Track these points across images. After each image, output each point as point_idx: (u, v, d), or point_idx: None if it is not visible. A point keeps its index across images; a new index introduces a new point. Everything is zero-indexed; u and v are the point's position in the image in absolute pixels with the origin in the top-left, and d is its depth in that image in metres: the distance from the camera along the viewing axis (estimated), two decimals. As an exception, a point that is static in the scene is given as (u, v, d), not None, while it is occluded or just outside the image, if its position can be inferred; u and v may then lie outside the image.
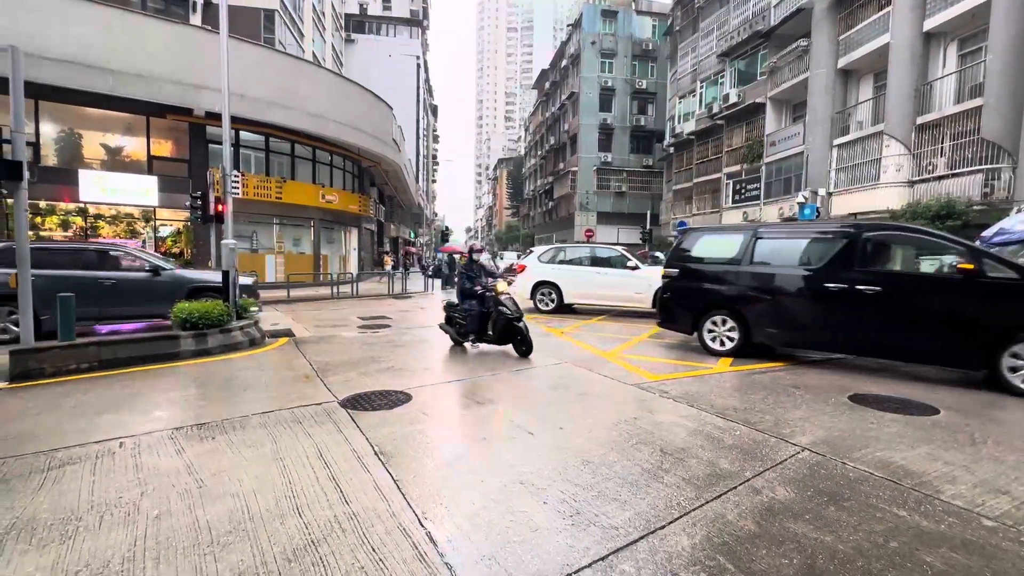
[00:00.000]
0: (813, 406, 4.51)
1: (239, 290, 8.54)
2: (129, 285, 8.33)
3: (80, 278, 7.76)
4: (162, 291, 8.37)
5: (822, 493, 2.82)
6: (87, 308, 7.48)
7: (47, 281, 7.10)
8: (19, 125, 5.51)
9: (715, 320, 6.79)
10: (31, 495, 2.72)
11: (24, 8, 12.67)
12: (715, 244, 7.33)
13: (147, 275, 8.45)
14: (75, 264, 8.04)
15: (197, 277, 9.05)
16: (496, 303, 6.64)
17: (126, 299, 8.30)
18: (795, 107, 21.18)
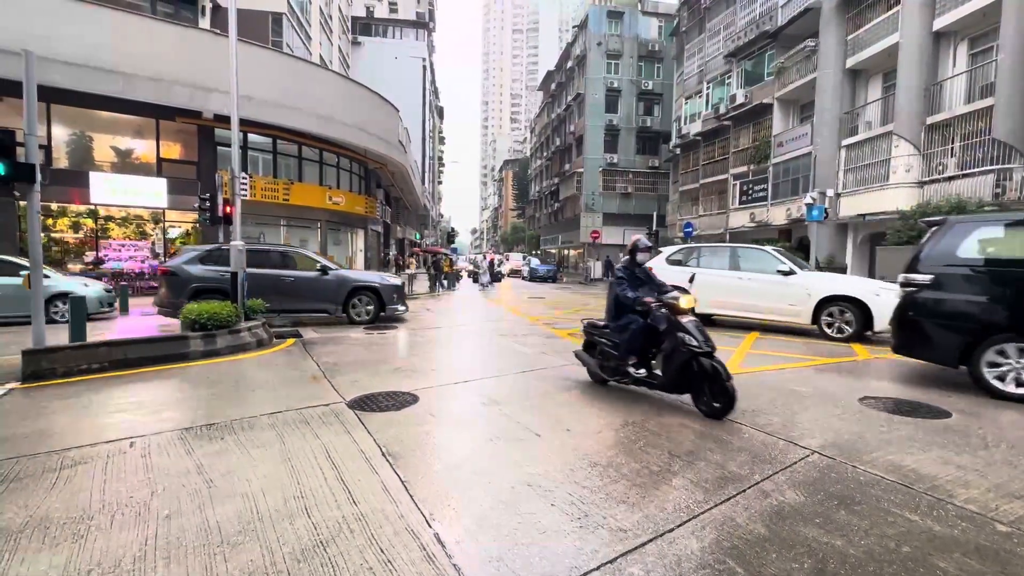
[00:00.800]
0: (822, 409, 4.47)
1: (394, 291, 10.12)
2: (304, 283, 9.34)
3: (269, 276, 9.14)
4: (329, 289, 9.39)
5: (832, 497, 2.80)
6: (271, 302, 8.75)
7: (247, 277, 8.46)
8: (32, 128, 5.58)
9: (1005, 350, 4.85)
10: (44, 494, 2.75)
11: (37, 12, 12.85)
12: (1003, 241, 5.35)
13: (318, 274, 9.37)
14: (266, 263, 9.32)
15: (357, 277, 9.92)
16: (673, 327, 4.33)
17: (301, 295, 9.30)
18: (803, 107, 21.06)
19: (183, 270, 9.07)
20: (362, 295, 9.57)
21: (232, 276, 8.08)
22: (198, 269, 9.11)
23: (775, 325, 9.58)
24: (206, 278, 8.96)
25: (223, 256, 8.82)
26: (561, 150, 47.10)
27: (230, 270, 8.10)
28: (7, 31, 12.05)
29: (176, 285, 8.95)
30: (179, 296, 8.77)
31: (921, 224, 6.78)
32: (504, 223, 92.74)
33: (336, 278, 9.53)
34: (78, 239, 15.23)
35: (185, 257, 9.35)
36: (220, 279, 8.68)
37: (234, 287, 8.00)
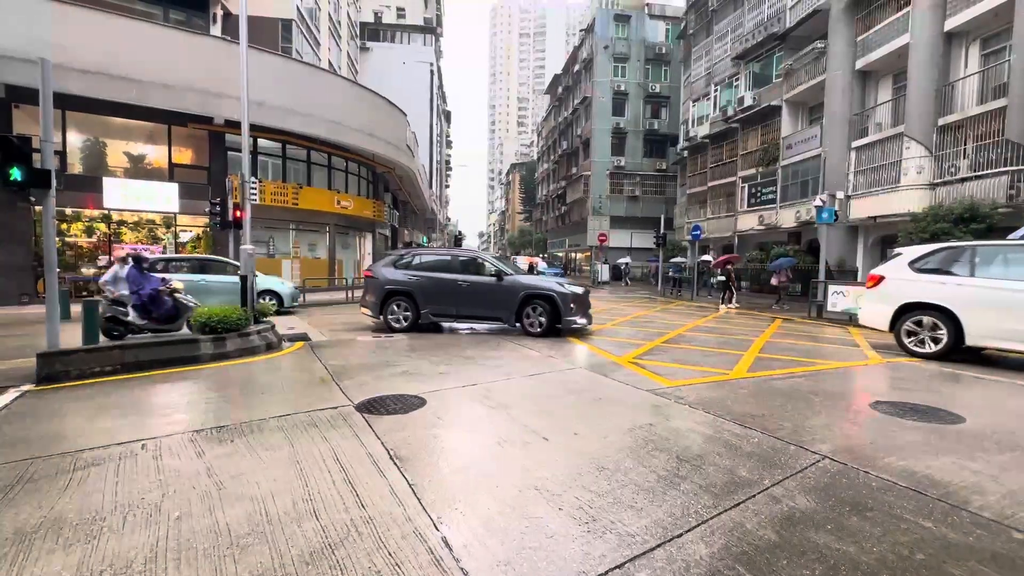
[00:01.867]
0: (834, 413, 4.42)
1: (573, 300, 8.94)
2: (479, 289, 9.11)
3: (447, 281, 9.19)
4: (502, 296, 8.97)
5: (844, 503, 2.76)
6: (448, 307, 9.16)
7: (425, 281, 9.23)
8: (47, 135, 5.68)
9: None
10: (58, 495, 2.78)
11: (53, 21, 13.10)
12: None
13: (493, 280, 9.05)
14: (447, 268, 9.39)
15: (531, 283, 9.17)
16: None
17: (475, 301, 9.11)
18: (812, 109, 20.93)
19: (380, 273, 9.53)
20: (536, 303, 8.82)
21: (241, 279, 8.16)
22: (390, 273, 9.45)
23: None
24: (395, 281, 9.31)
25: (410, 262, 9.58)
26: (568, 153, 47.12)
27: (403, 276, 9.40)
28: (24, 40, 12.30)
29: (373, 287, 9.49)
30: (375, 297, 9.42)
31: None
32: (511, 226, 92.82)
33: (510, 283, 8.98)
34: (91, 243, 15.45)
35: (384, 261, 9.95)
36: (406, 283, 9.26)
37: (243, 290, 8.08)
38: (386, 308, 9.24)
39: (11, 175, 5.42)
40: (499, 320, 9.04)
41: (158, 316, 7.84)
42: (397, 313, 9.24)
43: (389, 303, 9.25)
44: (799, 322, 12.16)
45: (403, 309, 9.23)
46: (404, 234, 39.30)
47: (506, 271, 9.11)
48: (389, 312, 9.23)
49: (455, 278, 9.14)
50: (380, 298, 9.29)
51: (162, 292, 7.87)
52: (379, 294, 9.33)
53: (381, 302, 9.28)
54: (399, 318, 9.23)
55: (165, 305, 7.86)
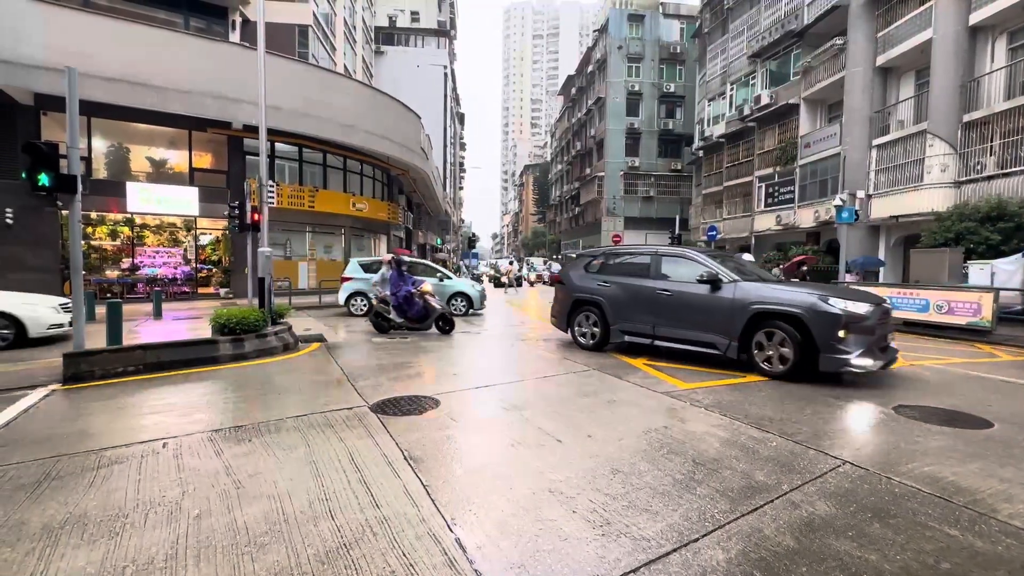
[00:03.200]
0: (854, 417, 4.32)
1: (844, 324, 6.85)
2: (686, 300, 6.52)
3: (643, 289, 7.01)
4: (718, 311, 6.16)
5: (866, 509, 2.70)
6: (642, 323, 6.98)
7: (617, 289, 7.35)
8: (74, 141, 5.85)
9: None
10: (83, 492, 2.86)
11: (79, 31, 13.50)
12: None
13: (705, 288, 6.34)
14: (641, 272, 7.24)
15: (766, 295, 5.93)
16: None
17: (679, 317, 6.58)
18: (831, 107, 20.54)
19: (569, 279, 8.08)
20: (774, 326, 5.76)
21: (260, 281, 8.29)
22: (580, 278, 7.89)
23: None
24: (584, 289, 7.72)
25: (603, 264, 7.74)
26: (582, 154, 46.97)
27: None
28: (52, 50, 12.69)
29: (561, 295, 8.14)
30: (562, 307, 8.07)
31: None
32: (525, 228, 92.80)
33: (730, 296, 6.08)
34: (115, 247, 15.86)
35: (575, 263, 8.45)
36: (595, 291, 7.48)
37: (261, 292, 8.21)
38: (573, 321, 7.84)
39: (40, 180, 5.60)
40: (712, 347, 6.25)
41: (411, 316, 8.76)
42: (584, 327, 7.65)
43: (576, 315, 7.79)
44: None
45: (591, 323, 7.57)
46: (419, 236, 39.55)
47: (722, 276, 6.25)
48: (576, 325, 7.77)
49: (653, 286, 6.86)
50: (567, 309, 7.92)
51: (414, 294, 8.80)
52: (566, 304, 7.96)
53: (568, 313, 7.89)
54: (585, 333, 7.64)
55: (416, 306, 8.75)
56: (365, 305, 12.49)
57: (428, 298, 8.84)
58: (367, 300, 12.39)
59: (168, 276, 16.52)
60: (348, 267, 13.60)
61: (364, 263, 13.40)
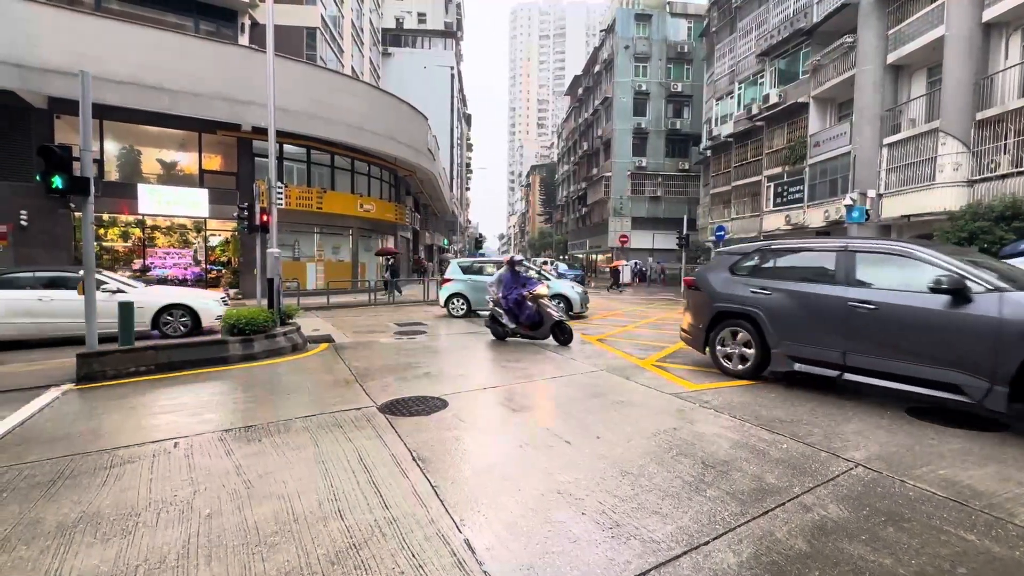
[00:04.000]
0: (867, 419, 4.27)
1: None
2: (906, 318, 4.43)
3: (828, 300, 4.99)
4: (967, 337, 4.06)
5: (879, 512, 2.66)
6: (828, 346, 4.95)
7: (784, 298, 5.28)
8: (87, 144, 5.93)
9: None
10: (96, 490, 2.89)
11: (91, 35, 13.68)
12: None
13: (940, 301, 4.23)
14: (823, 275, 5.22)
15: None
16: None
17: (894, 341, 4.50)
18: (841, 106, 20.33)
19: (707, 282, 6.24)
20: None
21: (268, 282, 8.35)
22: (723, 282, 6.02)
23: None
24: (731, 297, 5.84)
25: (758, 265, 5.86)
26: (589, 154, 46.87)
27: None
28: (65, 53, 12.87)
29: (696, 304, 6.34)
30: (697, 319, 6.21)
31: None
32: (531, 228, 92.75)
33: (998, 314, 3.94)
34: (127, 248, 16.05)
35: (715, 262, 6.51)
36: (748, 300, 5.62)
37: (270, 293, 8.27)
38: (714, 338, 5.99)
39: (54, 182, 5.68)
40: (954, 390, 4.13)
41: (523, 322, 8.03)
42: (729, 347, 5.83)
43: (718, 330, 5.95)
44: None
45: (740, 343, 5.73)
46: (425, 236, 39.67)
47: (982, 281, 4.18)
48: (718, 343, 5.94)
49: (844, 296, 4.90)
50: (705, 321, 6.07)
51: (525, 298, 7.97)
52: (704, 314, 6.11)
53: (707, 328, 6.06)
54: (731, 355, 5.81)
55: (528, 311, 7.96)
56: (464, 306, 12.51)
57: (542, 303, 7.86)
58: (466, 301, 12.49)
59: (178, 277, 16.68)
60: (449, 268, 13.38)
61: (464, 264, 13.28)
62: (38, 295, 8.09)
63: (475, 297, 12.34)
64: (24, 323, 7.96)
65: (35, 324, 8.03)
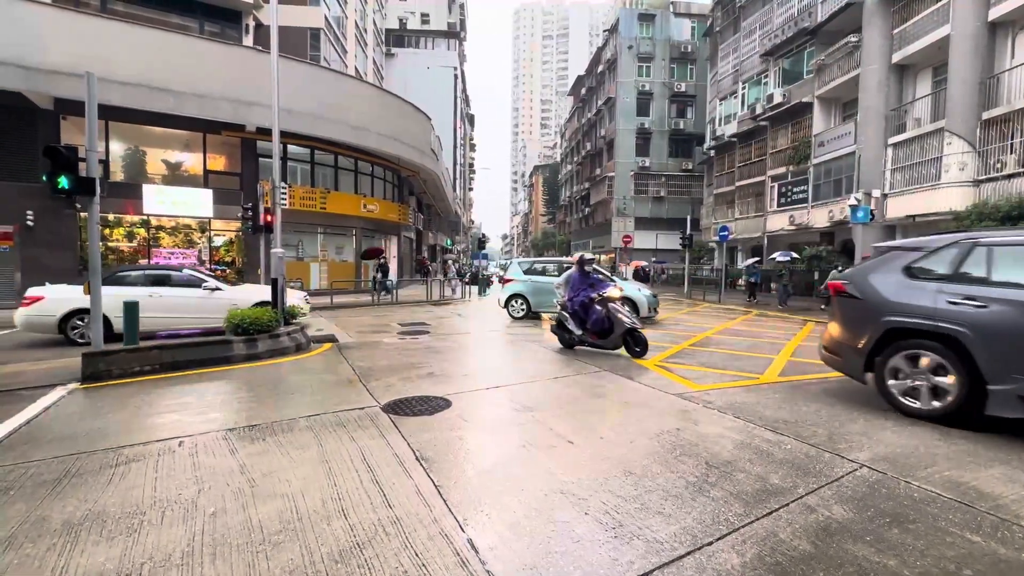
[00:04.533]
0: (872, 420, 4.25)
1: None
2: None
3: None
4: None
5: (884, 514, 2.65)
6: None
7: (1009, 313, 3.76)
8: (92, 144, 5.96)
9: None
10: (101, 489, 2.90)
11: (96, 36, 13.76)
12: None
13: None
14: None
15: None
16: None
17: None
18: (845, 105, 20.27)
19: (868, 289, 4.71)
20: None
21: (272, 282, 8.37)
22: (898, 288, 4.48)
23: None
24: (911, 310, 4.28)
25: (957, 267, 4.24)
26: (592, 154, 46.83)
27: None
28: (71, 55, 12.94)
29: (854, 316, 4.83)
30: (858, 337, 4.64)
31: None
32: (534, 228, 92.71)
33: None
34: (132, 248, 16.12)
35: (879, 260, 4.89)
36: (942, 315, 4.08)
37: (274, 293, 8.29)
38: (882, 363, 4.47)
39: (59, 183, 5.71)
40: None
41: (591, 328, 7.05)
42: (911, 377, 4.30)
43: (890, 353, 4.41)
44: (833, 325, 11.76)
45: (926, 370, 4.21)
46: (429, 236, 39.71)
47: None
48: (889, 373, 4.42)
49: None
50: (868, 341, 4.53)
51: (593, 301, 7.00)
52: (865, 331, 4.59)
53: (870, 350, 4.52)
54: (917, 389, 4.28)
55: (596, 315, 6.99)
56: (523, 308, 11.99)
57: (613, 307, 6.92)
58: (526, 303, 12.00)
59: (183, 277, 16.74)
60: (509, 268, 12.81)
61: (525, 265, 12.74)
62: (147, 291, 8.52)
63: (536, 300, 11.86)
64: None
65: (143, 318, 8.09)
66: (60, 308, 8.27)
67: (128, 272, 9.17)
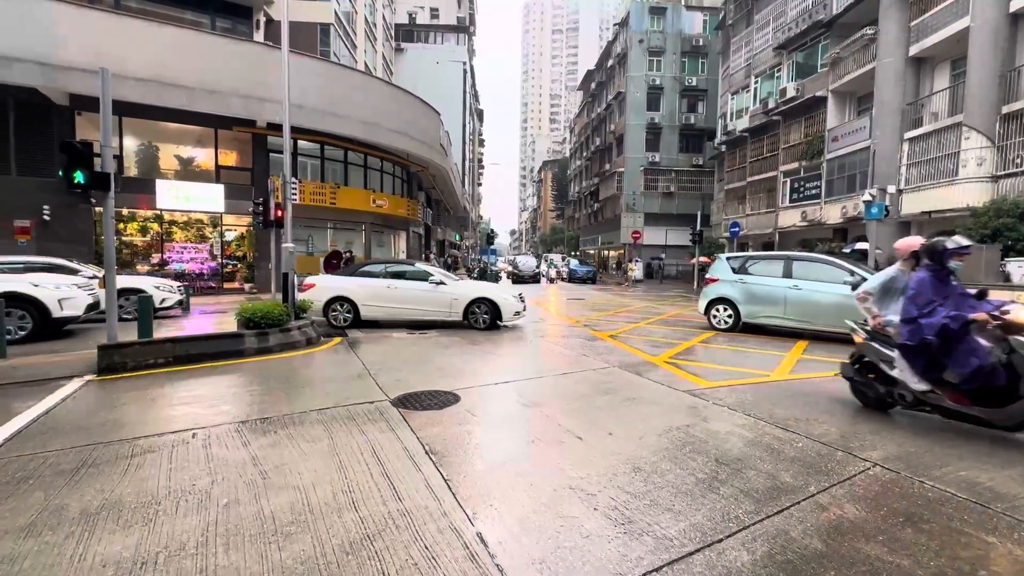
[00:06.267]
0: (885, 419, 4.20)
1: None
2: None
3: None
4: None
5: (897, 513, 2.62)
6: None
7: None
8: (107, 140, 6.03)
9: None
10: (118, 479, 2.96)
11: (110, 33, 13.90)
12: None
13: None
14: None
15: None
16: None
17: None
18: (860, 99, 19.91)
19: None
20: None
21: (283, 276, 8.44)
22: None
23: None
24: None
25: None
26: (601, 150, 46.54)
27: None
28: (86, 51, 13.09)
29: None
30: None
31: None
32: (543, 224, 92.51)
33: None
34: (146, 242, 16.33)
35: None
36: None
37: (284, 287, 8.36)
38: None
39: (75, 178, 5.80)
40: None
41: (963, 381, 3.68)
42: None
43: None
44: (845, 323, 11.62)
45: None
46: (437, 232, 39.78)
47: None
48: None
49: None
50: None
51: (970, 327, 3.62)
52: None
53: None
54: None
55: (977, 355, 3.58)
56: (730, 317, 9.34)
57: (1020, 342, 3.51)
58: (734, 311, 9.32)
59: (195, 271, 16.95)
60: (714, 266, 10.13)
61: (736, 263, 9.77)
62: (386, 283, 9.46)
63: (750, 309, 9.14)
64: (375, 306, 9.38)
65: (382, 308, 9.41)
66: (324, 295, 9.39)
67: (371, 267, 10.12)
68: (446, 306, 9.27)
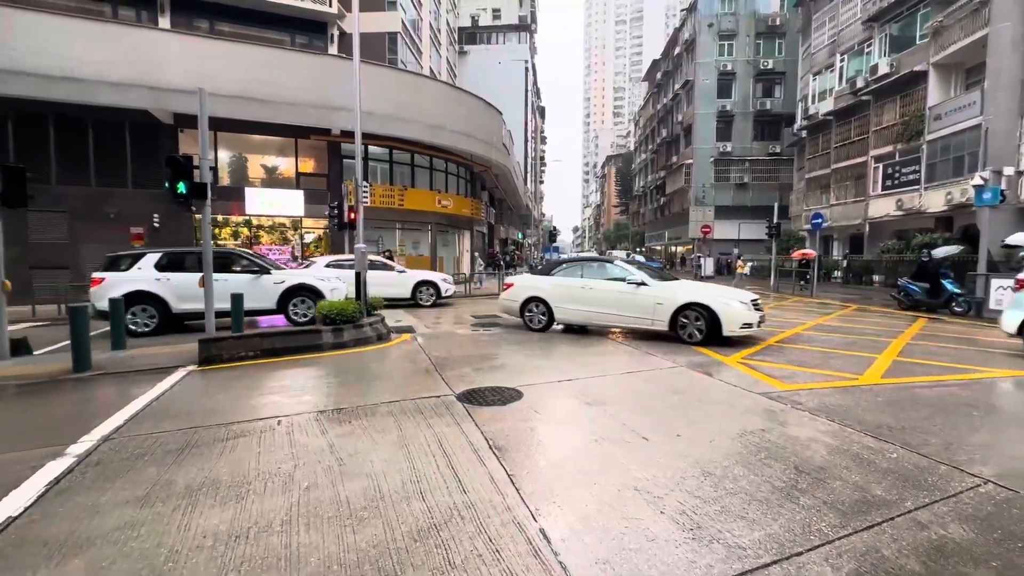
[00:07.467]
0: (1000, 429, 3.73)
1: None
2: None
3: None
4: None
5: (1014, 537, 2.32)
6: None
7: None
8: (205, 153, 6.67)
9: None
10: (215, 459, 3.27)
11: (205, 55, 15.35)
12: None
13: None
14: None
15: None
16: None
17: None
18: (968, 72, 17.74)
19: None
20: None
21: (356, 276, 8.91)
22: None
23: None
24: None
25: None
26: (668, 142, 44.91)
27: None
28: (186, 74, 14.55)
29: None
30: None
31: None
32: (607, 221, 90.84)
33: None
34: (236, 245, 17.90)
35: None
36: None
37: (357, 285, 8.82)
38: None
39: (179, 188, 6.47)
40: None
41: None
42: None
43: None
44: (948, 321, 10.42)
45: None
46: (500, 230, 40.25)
47: None
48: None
49: None
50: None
51: None
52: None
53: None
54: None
55: None
56: None
57: None
58: None
59: (279, 271, 18.33)
60: None
61: None
62: (580, 283, 8.71)
63: None
64: (569, 308, 8.64)
65: (576, 311, 8.58)
66: (522, 295, 9.12)
67: (563, 264, 9.51)
68: (648, 312, 7.79)
